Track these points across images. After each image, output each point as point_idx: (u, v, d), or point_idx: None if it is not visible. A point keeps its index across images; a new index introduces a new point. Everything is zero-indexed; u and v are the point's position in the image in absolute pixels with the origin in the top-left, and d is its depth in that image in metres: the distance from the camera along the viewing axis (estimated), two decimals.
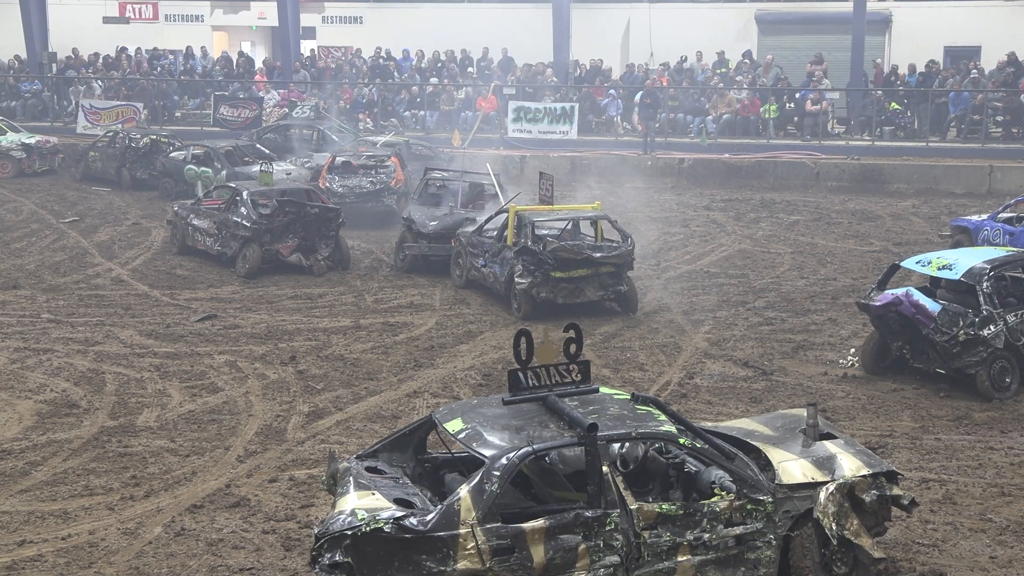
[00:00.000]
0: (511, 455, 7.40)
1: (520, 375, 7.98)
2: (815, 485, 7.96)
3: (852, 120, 28.92)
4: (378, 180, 22.02)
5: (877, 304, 12.78)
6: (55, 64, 34.83)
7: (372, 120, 30.41)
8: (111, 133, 27.93)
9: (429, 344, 14.47)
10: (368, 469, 8.00)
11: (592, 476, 7.50)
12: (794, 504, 7.91)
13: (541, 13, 32.70)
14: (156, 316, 15.79)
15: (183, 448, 10.96)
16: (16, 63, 35.30)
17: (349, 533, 7.11)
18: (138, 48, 36.05)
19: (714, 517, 7.69)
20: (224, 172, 23.04)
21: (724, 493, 7.78)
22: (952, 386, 12.55)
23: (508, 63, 32.14)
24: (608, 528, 7.44)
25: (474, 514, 7.20)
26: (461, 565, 7.14)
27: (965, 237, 18.64)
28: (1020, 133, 26.97)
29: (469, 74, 32.11)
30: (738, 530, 7.75)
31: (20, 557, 8.75)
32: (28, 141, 27.91)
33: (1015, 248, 16.05)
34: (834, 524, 7.84)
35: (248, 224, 18.10)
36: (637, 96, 29.13)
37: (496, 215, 16.98)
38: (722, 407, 12.09)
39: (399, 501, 7.45)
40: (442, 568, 7.13)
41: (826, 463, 8.16)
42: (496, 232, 16.60)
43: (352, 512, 7.25)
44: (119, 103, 31.51)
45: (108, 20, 38.66)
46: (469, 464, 8.03)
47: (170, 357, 13.87)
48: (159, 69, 34.74)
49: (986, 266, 12.47)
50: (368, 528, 7.11)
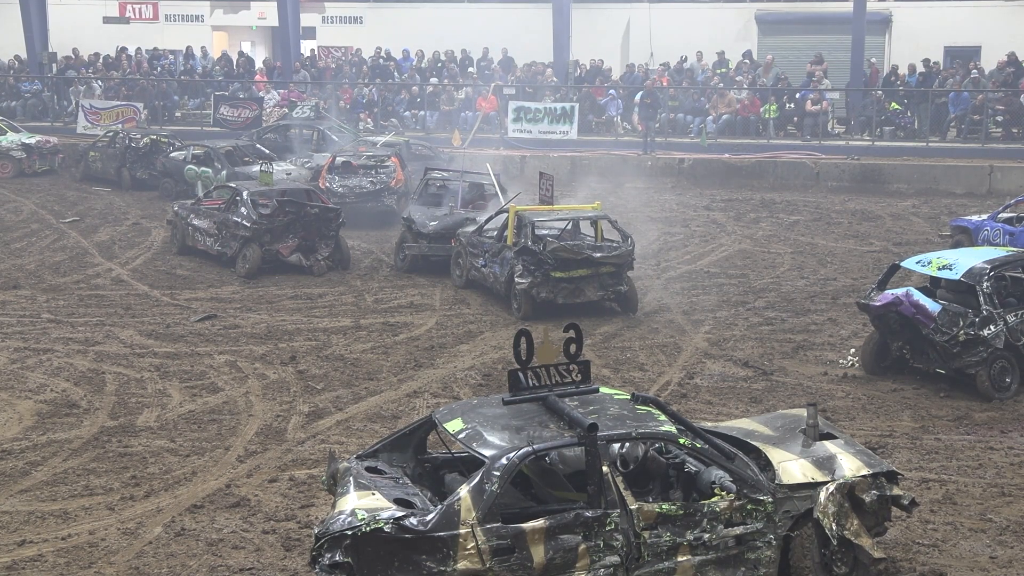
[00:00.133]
0: (511, 455, 7.40)
1: (520, 375, 7.98)
2: (815, 485, 7.96)
3: (852, 120, 28.92)
4: (378, 180, 22.01)
5: (877, 304, 12.78)
6: (55, 64, 34.79)
7: (372, 120, 30.41)
8: (111, 133, 27.92)
9: (429, 344, 14.47)
10: (368, 469, 8.00)
11: (592, 476, 7.50)
12: (794, 504, 7.91)
13: (541, 13, 32.70)
14: (156, 316, 15.79)
15: (183, 448, 10.96)
16: (16, 63, 35.27)
17: (349, 533, 7.11)
18: (138, 48, 36.03)
19: (714, 517, 7.69)
20: (224, 172, 23.03)
21: (724, 493, 7.78)
22: (952, 386, 12.55)
23: (508, 63, 32.13)
24: (608, 528, 7.43)
25: (474, 514, 7.20)
26: (461, 565, 7.14)
27: (965, 237, 18.63)
28: (1020, 133, 26.96)
29: (469, 74, 32.09)
30: (738, 530, 7.75)
31: (20, 557, 8.75)
32: (28, 141, 27.89)
33: (1015, 248, 16.06)
34: (834, 524, 7.84)
35: (248, 224, 18.10)
36: (637, 96, 29.12)
37: (496, 215, 16.98)
38: (722, 407, 12.08)
39: (399, 501, 7.45)
40: (442, 568, 7.13)
41: (826, 463, 8.16)
42: (496, 232, 16.60)
43: (352, 512, 7.25)
44: (119, 103, 31.50)
45: (108, 20, 38.70)
46: (469, 464, 8.03)
47: (170, 357, 13.87)
48: (159, 69, 34.72)
49: (986, 266, 12.47)
50: (368, 528, 7.11)
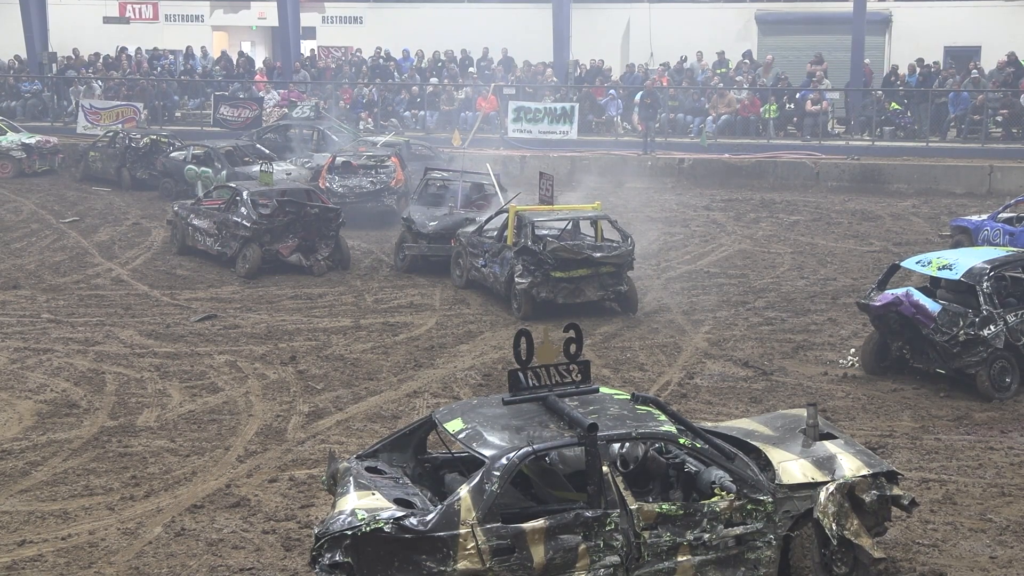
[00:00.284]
0: (511, 455, 7.40)
1: (520, 375, 7.98)
2: (815, 485, 7.96)
3: (852, 120, 28.91)
4: (378, 180, 22.02)
5: (877, 304, 12.78)
6: (55, 64, 34.80)
7: (372, 120, 30.41)
8: (111, 133, 27.92)
9: (429, 344, 14.47)
10: (368, 469, 8.00)
11: (592, 476, 7.50)
12: (794, 504, 7.91)
13: (541, 13, 32.70)
14: (156, 316, 15.79)
15: (183, 448, 10.96)
16: (16, 63, 35.28)
17: (349, 533, 7.11)
18: (138, 48, 36.04)
19: (714, 517, 7.69)
20: (224, 172, 23.03)
21: (724, 493, 7.78)
22: (952, 386, 12.55)
23: (508, 63, 32.13)
24: (608, 528, 7.43)
25: (474, 514, 7.20)
26: (461, 565, 7.14)
27: (965, 237, 18.63)
28: (1020, 133, 26.96)
29: (469, 74, 32.09)
30: (738, 530, 7.75)
31: (20, 557, 8.75)
32: (28, 141, 27.90)
33: (1015, 248, 16.05)
34: (834, 524, 7.84)
35: (248, 224, 18.10)
36: (637, 96, 29.12)
37: (496, 215, 16.98)
38: (722, 407, 12.08)
39: (399, 501, 7.45)
40: (442, 568, 7.13)
41: (826, 463, 8.15)
42: (496, 232, 16.60)
43: (352, 512, 7.25)
44: (119, 103, 31.49)
45: (108, 20, 38.71)
46: (469, 464, 8.02)
47: (170, 357, 13.87)
48: (159, 69, 34.73)
49: (986, 266, 12.47)
50: (368, 528, 7.11)
